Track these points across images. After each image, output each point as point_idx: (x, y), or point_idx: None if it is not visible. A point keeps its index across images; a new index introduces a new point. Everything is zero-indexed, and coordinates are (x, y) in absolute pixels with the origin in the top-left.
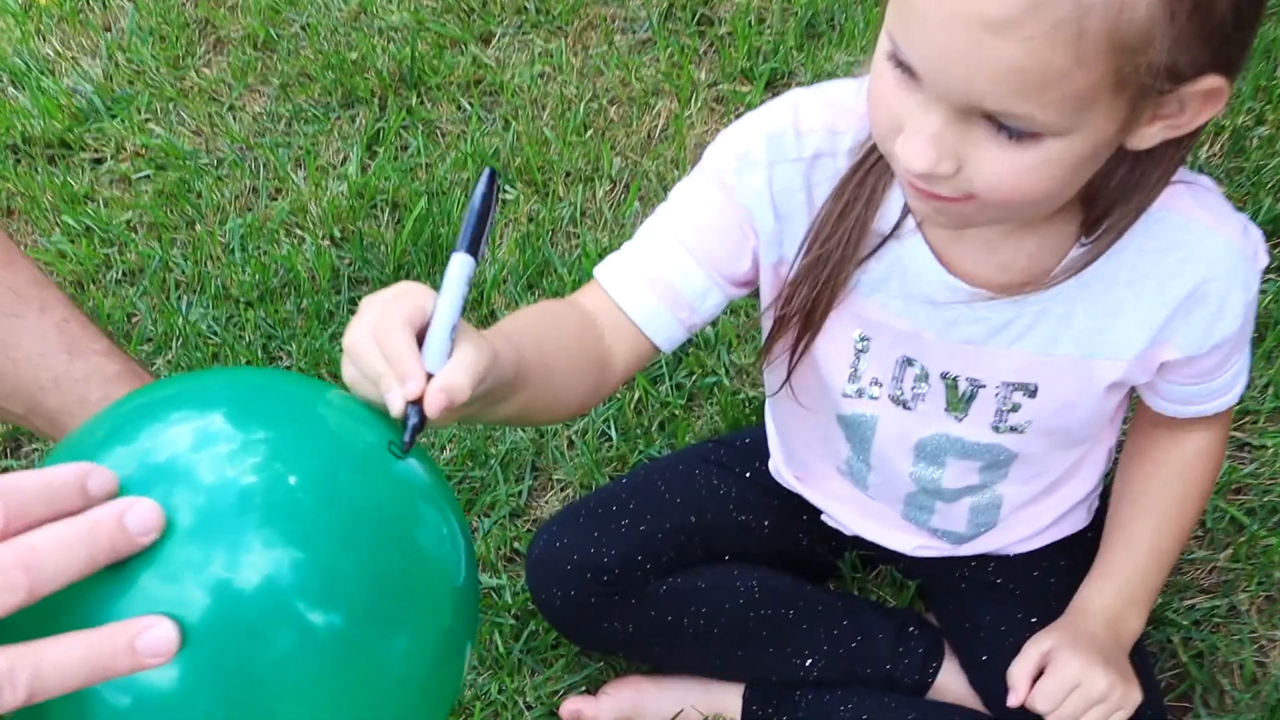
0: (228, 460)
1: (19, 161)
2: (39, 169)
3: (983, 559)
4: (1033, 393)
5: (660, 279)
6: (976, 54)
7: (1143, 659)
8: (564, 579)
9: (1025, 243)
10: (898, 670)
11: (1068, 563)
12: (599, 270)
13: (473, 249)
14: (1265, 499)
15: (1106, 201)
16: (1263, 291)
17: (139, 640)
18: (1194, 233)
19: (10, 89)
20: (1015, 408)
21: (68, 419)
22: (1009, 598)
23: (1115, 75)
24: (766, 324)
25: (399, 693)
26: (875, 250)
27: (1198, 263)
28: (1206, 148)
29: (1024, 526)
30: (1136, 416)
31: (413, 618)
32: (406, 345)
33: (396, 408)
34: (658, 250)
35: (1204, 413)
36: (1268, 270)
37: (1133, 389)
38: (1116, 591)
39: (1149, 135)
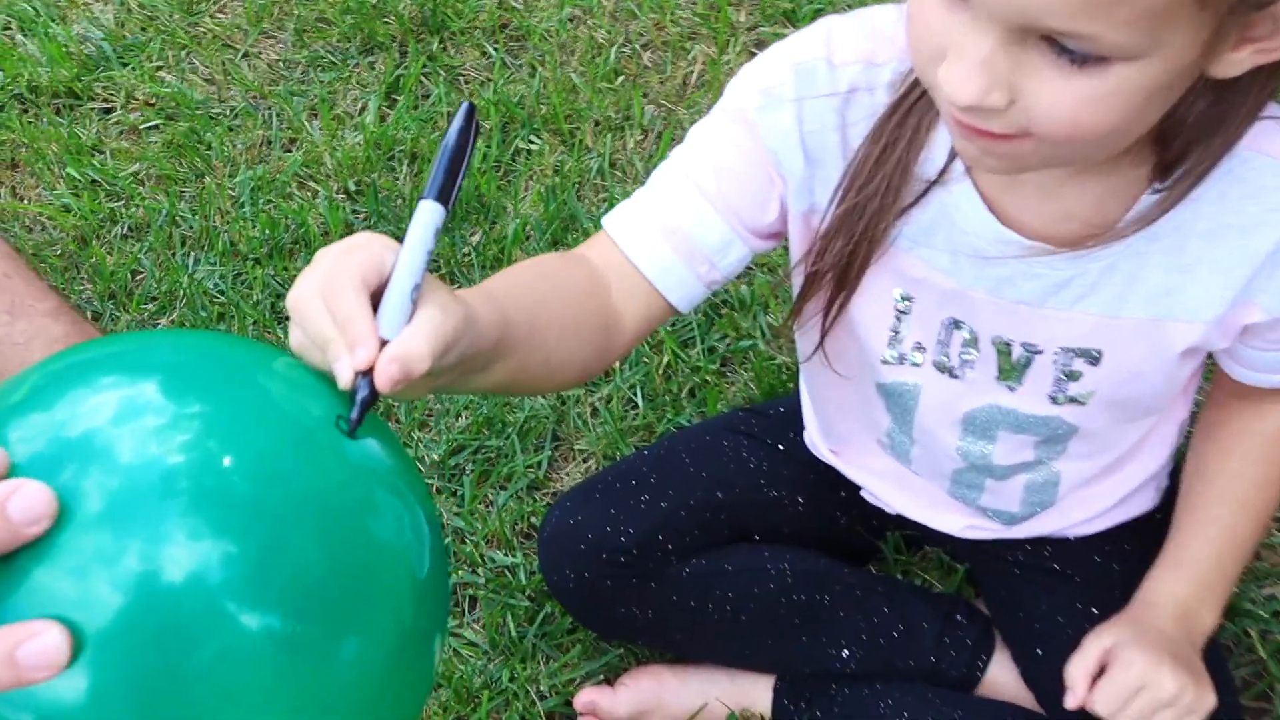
0: (154, 436)
1: (25, 111)
2: (45, 119)
3: (1039, 542)
4: (1096, 360)
5: (675, 229)
6: None
7: (1216, 656)
8: (577, 559)
9: (1089, 189)
10: (943, 663)
11: (1134, 548)
12: (608, 220)
13: (443, 196)
14: None
15: (1184, 140)
16: None
17: (20, 651)
18: None
19: (19, 36)
20: (1076, 376)
21: None
22: (1068, 585)
23: None
24: (797, 281)
25: (353, 697)
26: (919, 198)
27: None
28: None
29: (1085, 507)
30: (1214, 386)
31: (366, 616)
32: (357, 307)
33: (344, 379)
34: (673, 197)
35: None
36: None
37: (1209, 355)
38: (1189, 581)
39: (1235, 62)
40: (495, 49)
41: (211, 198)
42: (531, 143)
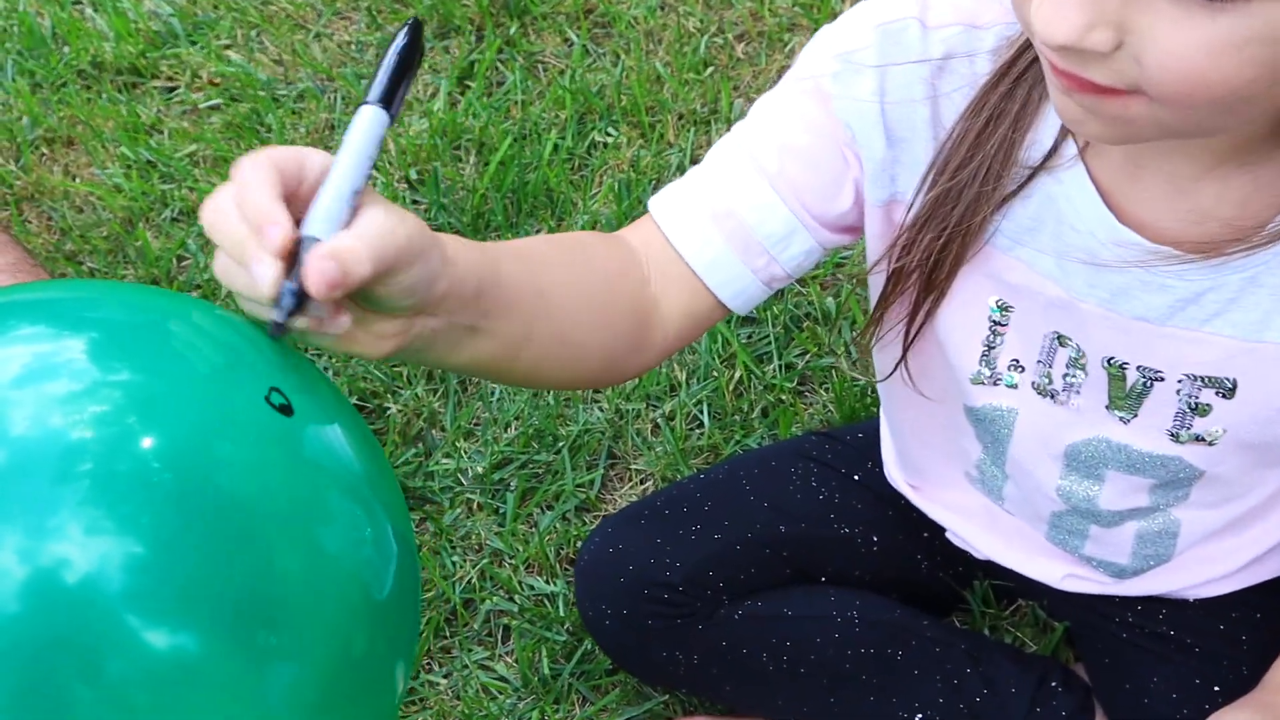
0: (60, 403)
1: (87, 87)
2: (106, 96)
3: (1153, 602)
4: (1229, 391)
5: (728, 213)
6: None
7: None
8: (617, 592)
9: (1232, 183)
10: None
11: (1265, 617)
12: (654, 201)
13: (386, 103)
14: None
15: None
16: None
17: None
18: None
19: (89, 10)
20: (1204, 411)
21: None
22: (1185, 656)
23: None
24: (876, 285)
25: None
26: (1021, 186)
27: None
28: None
29: (1209, 565)
30: None
31: (304, 638)
32: (270, 200)
33: (264, 279)
34: (728, 177)
35: None
36: None
37: None
38: None
39: None
40: (577, 35)
41: None
42: (609, 135)
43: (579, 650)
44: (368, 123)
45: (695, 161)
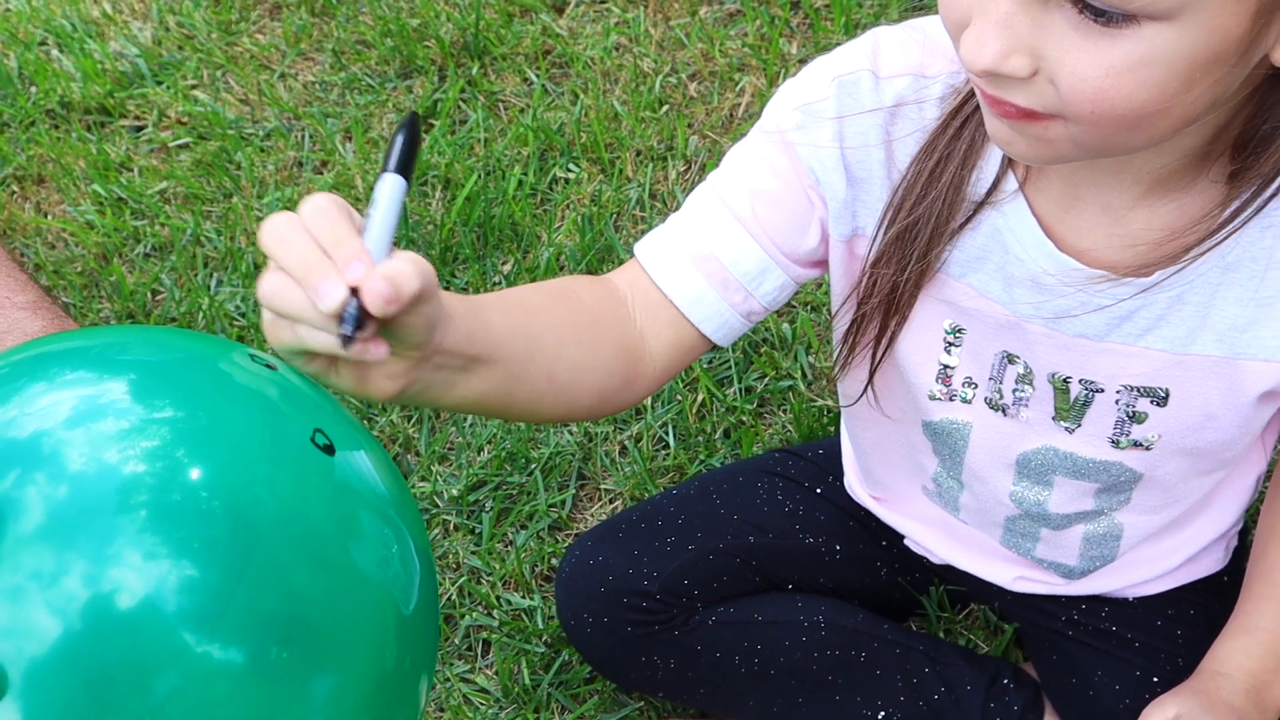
0: (113, 441)
1: (55, 126)
2: (75, 134)
3: (1096, 601)
4: (1163, 400)
5: (707, 255)
6: None
7: None
8: (596, 603)
9: (1160, 210)
10: None
11: (1198, 612)
12: (639, 246)
13: (404, 172)
14: None
15: (1258, 146)
16: None
17: None
18: None
19: (54, 51)
20: (1141, 418)
21: None
22: (1126, 650)
23: None
24: (841, 321)
25: None
26: (969, 219)
27: None
28: None
29: (1148, 565)
30: None
31: (343, 653)
32: (349, 230)
33: (334, 298)
34: (705, 223)
35: None
36: None
37: None
38: (1262, 651)
39: None
40: (537, 75)
41: (238, 218)
42: (570, 170)
43: (557, 661)
44: (391, 187)
45: (654, 195)
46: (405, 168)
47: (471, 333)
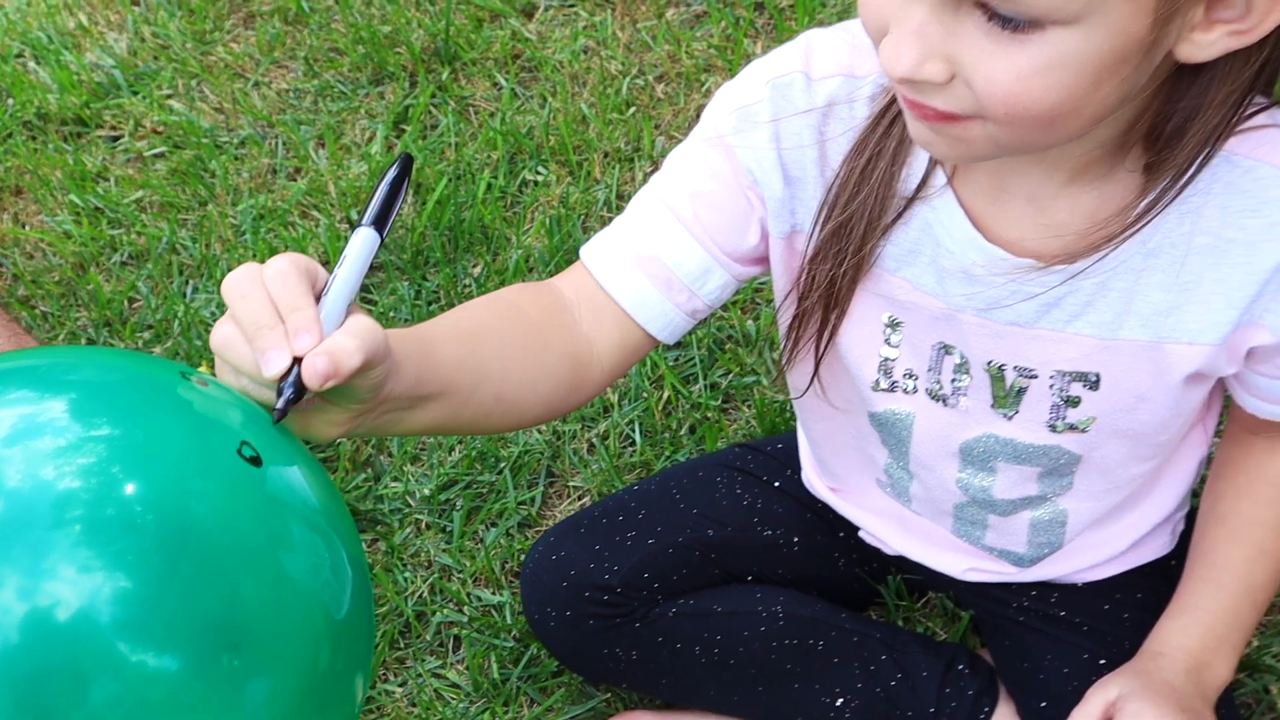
0: (49, 458)
1: (33, 138)
2: (52, 146)
3: (1045, 588)
4: (1094, 384)
5: (651, 257)
6: None
7: (1231, 712)
8: (559, 596)
9: (1082, 199)
10: (943, 714)
11: (1145, 595)
12: (585, 250)
13: (378, 225)
14: None
15: (1169, 135)
16: None
17: None
18: None
19: (31, 64)
20: (1075, 402)
21: None
22: (1074, 634)
23: None
24: (784, 316)
25: None
26: (900, 214)
27: None
28: None
29: (1095, 550)
30: (1230, 422)
31: (276, 657)
32: (304, 296)
33: (278, 366)
34: (648, 225)
35: None
36: None
37: (1224, 384)
38: (1201, 630)
39: (1206, 44)
40: (506, 79)
41: (213, 226)
42: (538, 173)
43: (525, 655)
44: (362, 242)
45: (621, 197)
46: (381, 220)
47: (422, 375)
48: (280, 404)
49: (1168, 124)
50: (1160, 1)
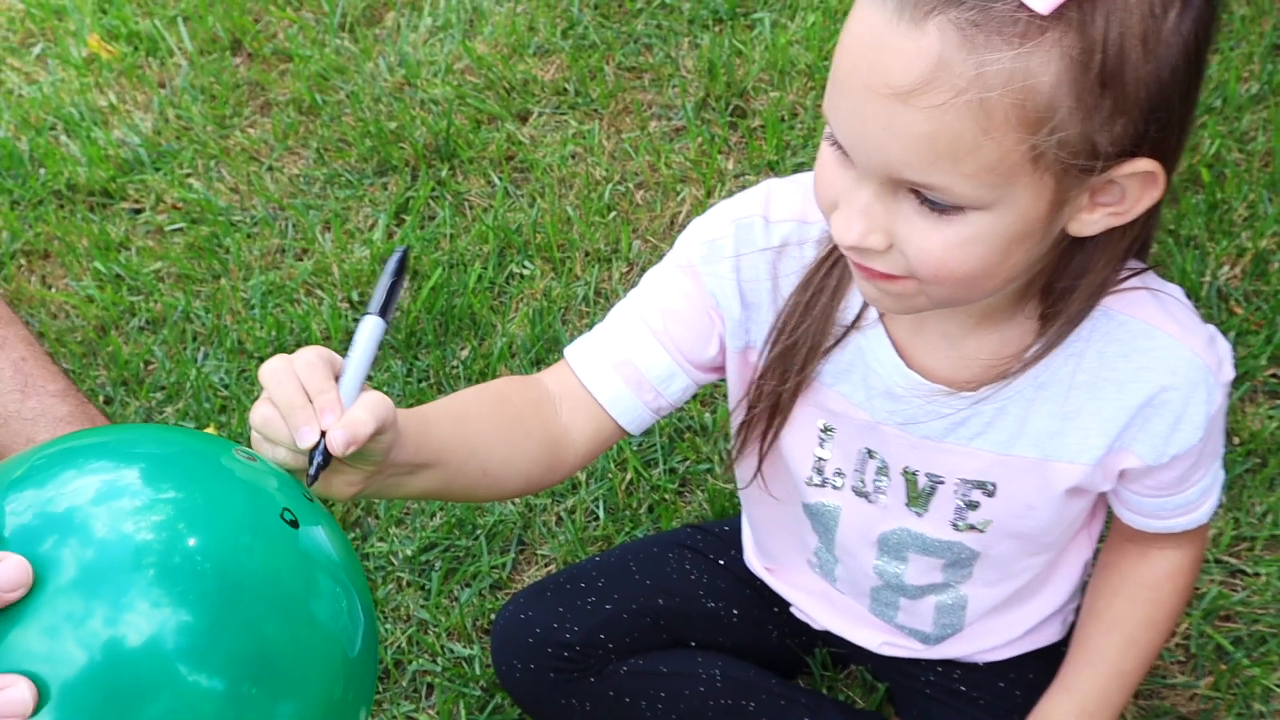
0: (129, 515)
1: (61, 207)
2: (79, 215)
3: (950, 664)
4: (991, 492)
5: (625, 361)
6: (890, 124)
7: None
8: (525, 651)
9: (987, 338)
10: None
11: (1037, 676)
12: (569, 351)
13: (384, 313)
14: (1253, 628)
15: (1060, 292)
16: (1270, 416)
17: None
18: (1156, 340)
19: (63, 137)
20: (974, 505)
21: None
22: (973, 707)
23: (1030, 149)
24: (736, 417)
25: None
26: (838, 341)
27: (1157, 370)
28: (1227, 269)
29: (992, 635)
30: (1111, 530)
31: (302, 685)
32: (329, 381)
33: (309, 439)
34: (624, 333)
35: (1171, 528)
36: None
37: (1105, 498)
38: (1076, 707)
39: (1091, 222)
40: (500, 178)
41: (225, 298)
42: (525, 267)
43: (491, 704)
44: (371, 330)
45: (599, 293)
46: (386, 308)
47: (420, 447)
48: (313, 470)
49: (1060, 282)
50: (1055, 191)
